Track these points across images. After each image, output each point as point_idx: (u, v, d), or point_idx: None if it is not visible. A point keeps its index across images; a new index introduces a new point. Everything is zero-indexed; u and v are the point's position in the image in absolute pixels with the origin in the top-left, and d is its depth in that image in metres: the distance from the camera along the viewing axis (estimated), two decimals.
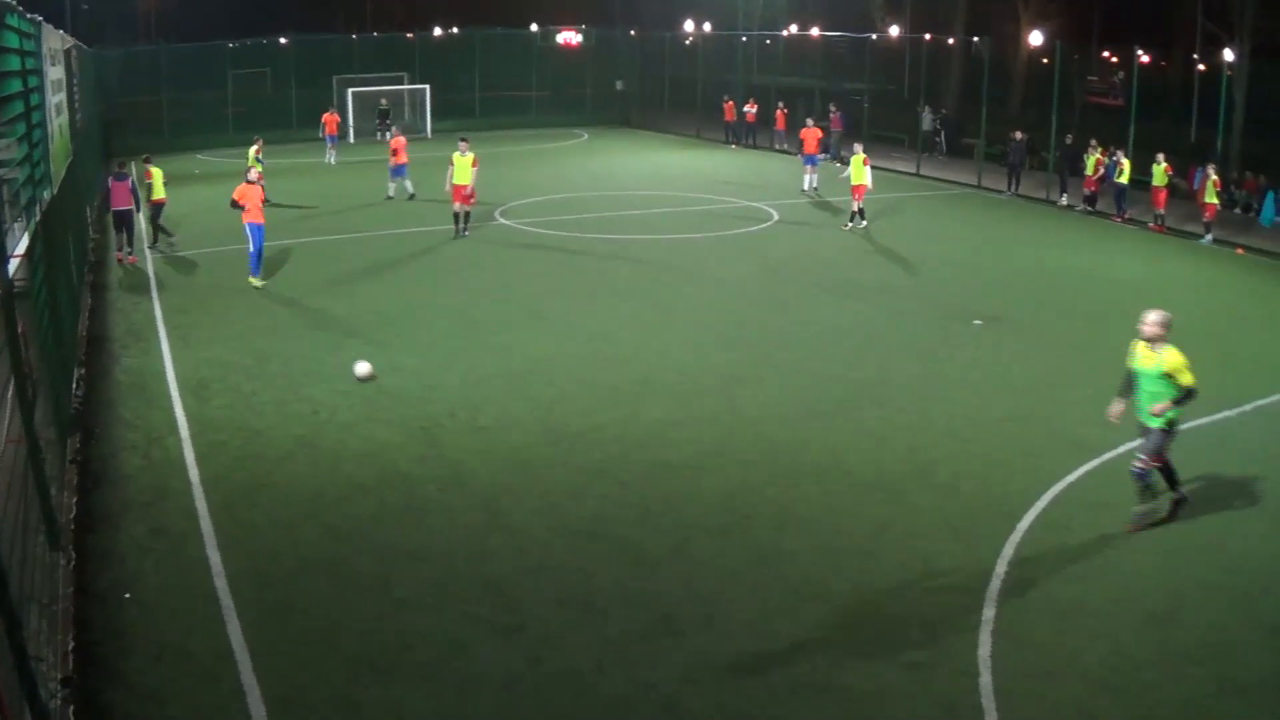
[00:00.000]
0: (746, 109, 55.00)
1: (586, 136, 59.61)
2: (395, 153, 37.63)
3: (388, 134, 56.13)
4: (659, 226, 32.62)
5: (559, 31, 70.34)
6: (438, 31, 72.65)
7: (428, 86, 59.33)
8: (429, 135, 57.53)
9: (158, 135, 52.51)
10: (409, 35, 67.17)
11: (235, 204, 25.05)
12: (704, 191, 39.57)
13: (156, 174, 29.92)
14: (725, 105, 56.92)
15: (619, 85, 69.52)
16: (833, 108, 51.25)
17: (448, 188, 30.57)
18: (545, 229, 32.08)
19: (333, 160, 46.37)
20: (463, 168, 30.22)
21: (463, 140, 31.24)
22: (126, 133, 50.41)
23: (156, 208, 30.00)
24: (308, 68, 59.06)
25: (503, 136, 57.70)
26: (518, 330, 21.84)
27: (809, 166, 39.28)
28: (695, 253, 29.11)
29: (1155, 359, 12.97)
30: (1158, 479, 13.27)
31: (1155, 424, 13.02)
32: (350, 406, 17.45)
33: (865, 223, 32.81)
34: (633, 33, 71.60)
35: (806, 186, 39.31)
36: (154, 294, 25.20)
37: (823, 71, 59.37)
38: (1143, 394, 13.11)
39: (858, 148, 33.04)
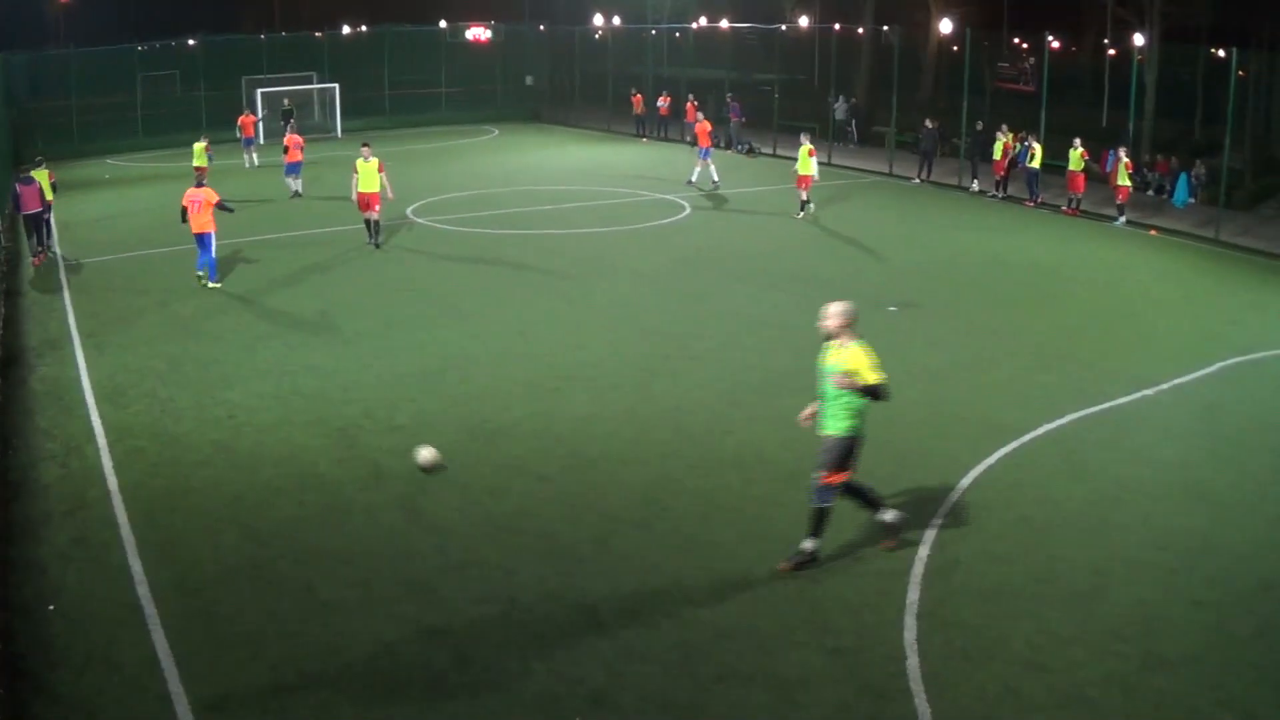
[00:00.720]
0: (659, 102, 55.12)
1: (497, 133, 59.48)
2: (288, 150, 38.08)
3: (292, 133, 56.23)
4: (573, 221, 32.66)
5: (468, 28, 70.06)
6: (346, 30, 72.19)
7: (336, 86, 58.86)
8: (339, 135, 57.12)
9: (67, 140, 51.63)
10: (317, 34, 66.59)
11: (184, 213, 25.10)
12: (617, 185, 39.63)
13: (41, 176, 29.35)
14: (634, 98, 57.08)
15: (529, 80, 69.39)
16: (730, 98, 51.50)
17: (353, 196, 28.95)
18: (458, 226, 32.03)
19: (254, 163, 45.47)
20: (367, 174, 28.62)
21: (365, 145, 29.46)
22: (36, 138, 49.55)
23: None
24: (217, 69, 58.34)
25: (413, 134, 57.47)
26: (433, 328, 21.81)
27: (702, 160, 38.87)
28: (610, 246, 29.18)
29: (838, 356, 11.80)
30: (859, 505, 12.56)
31: (832, 430, 11.91)
32: (267, 410, 17.39)
33: (813, 209, 33.16)
34: (541, 27, 71.55)
35: (694, 178, 38.94)
36: (67, 302, 24.92)
37: (732, 63, 59.68)
38: (826, 396, 11.97)
39: (804, 139, 33.25)
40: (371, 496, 14.12)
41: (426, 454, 11.81)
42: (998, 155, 37.04)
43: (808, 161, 32.85)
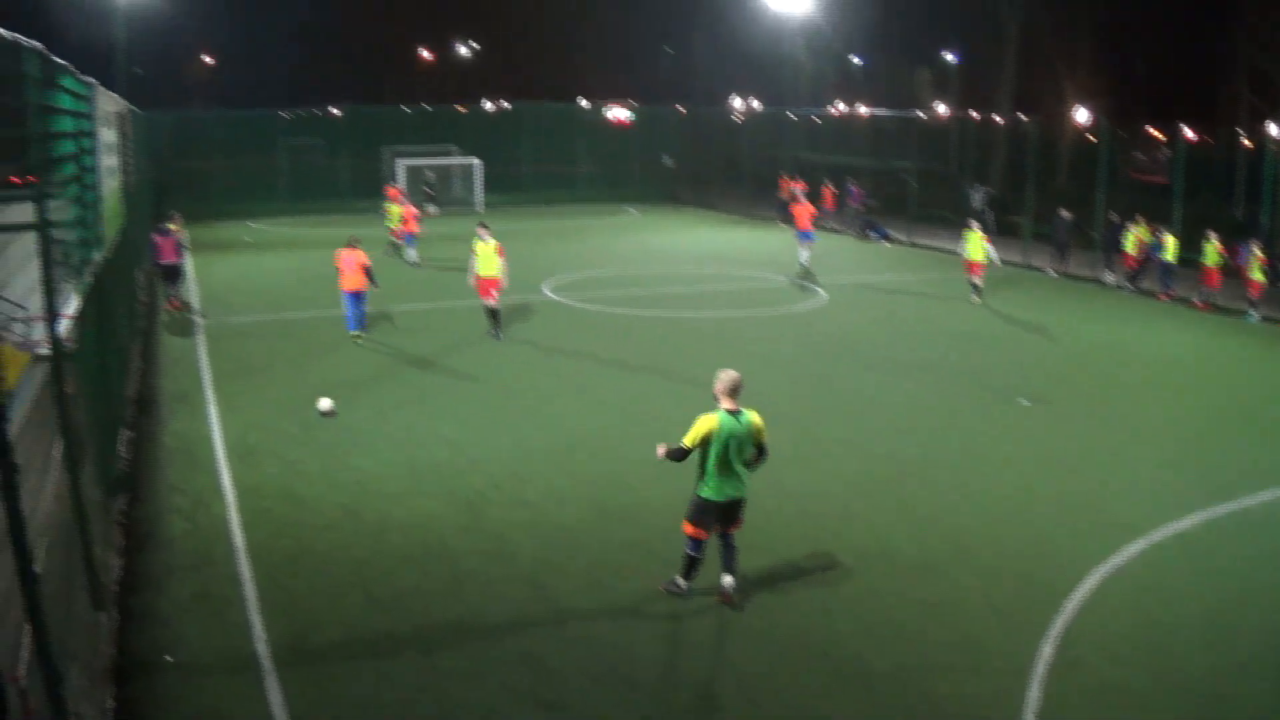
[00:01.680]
0: (794, 189, 54.71)
1: (635, 212, 59.89)
2: (404, 221, 39.45)
3: (432, 208, 56.97)
4: (707, 303, 32.61)
5: (608, 107, 70.92)
6: (488, 105, 73.56)
7: (478, 160, 59.79)
8: (479, 208, 57.89)
9: (208, 200, 53.15)
10: (460, 108, 67.86)
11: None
12: (753, 269, 39.56)
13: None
14: (792, 184, 55.27)
15: (667, 161, 69.92)
16: (850, 183, 51.15)
17: (470, 280, 27.52)
18: (593, 304, 32.14)
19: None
20: (486, 257, 27.06)
21: (482, 226, 27.76)
22: (178, 197, 50.81)
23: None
24: (359, 138, 59.79)
25: (551, 210, 58.23)
26: (563, 404, 21.79)
27: (804, 242, 38.17)
28: (742, 329, 29.07)
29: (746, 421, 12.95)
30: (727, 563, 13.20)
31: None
32: (395, 477, 17.47)
33: (977, 296, 33.31)
34: (680, 109, 72.14)
35: (804, 260, 38.26)
36: (202, 357, 25.45)
37: (869, 149, 59.42)
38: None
39: (974, 225, 33.33)
40: (494, 569, 14.06)
41: (325, 403, 12.69)
42: (1130, 248, 36.34)
43: (979, 246, 32.94)
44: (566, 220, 54.45)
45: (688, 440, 12.76)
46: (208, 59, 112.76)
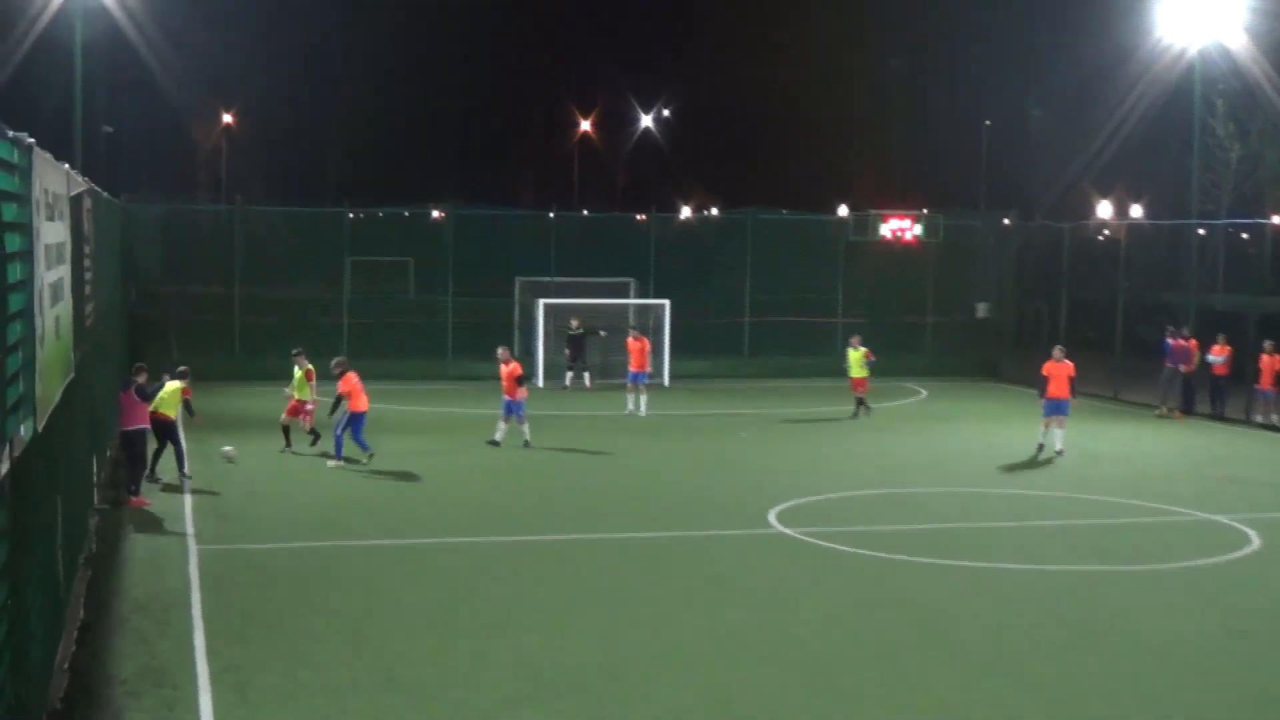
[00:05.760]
0: (1214, 356, 52.88)
1: (925, 394, 59.59)
2: (505, 382, 41.34)
3: (583, 377, 56.73)
4: (1044, 550, 31.40)
5: (883, 219, 68.85)
6: (686, 213, 72.71)
7: (667, 302, 58.98)
8: (665, 382, 57.23)
9: (225, 349, 52.42)
10: (639, 217, 67.12)
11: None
12: (1124, 493, 38.30)
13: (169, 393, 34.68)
14: (1182, 344, 53.88)
15: (981, 310, 68.93)
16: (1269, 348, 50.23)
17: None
18: (847, 544, 31.11)
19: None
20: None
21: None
22: (170, 340, 51.03)
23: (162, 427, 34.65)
24: (471, 257, 58.96)
25: (789, 388, 58.15)
26: (798, 713, 20.83)
27: None
28: (1106, 597, 27.70)
29: None
30: None
31: None
32: None
33: None
34: (1006, 221, 70.67)
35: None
36: (194, 610, 24.91)
37: None
38: None
39: None
40: None
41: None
42: None
43: None
44: (814, 405, 54.25)
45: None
46: (227, 118, 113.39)
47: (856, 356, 49.86)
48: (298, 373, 39.76)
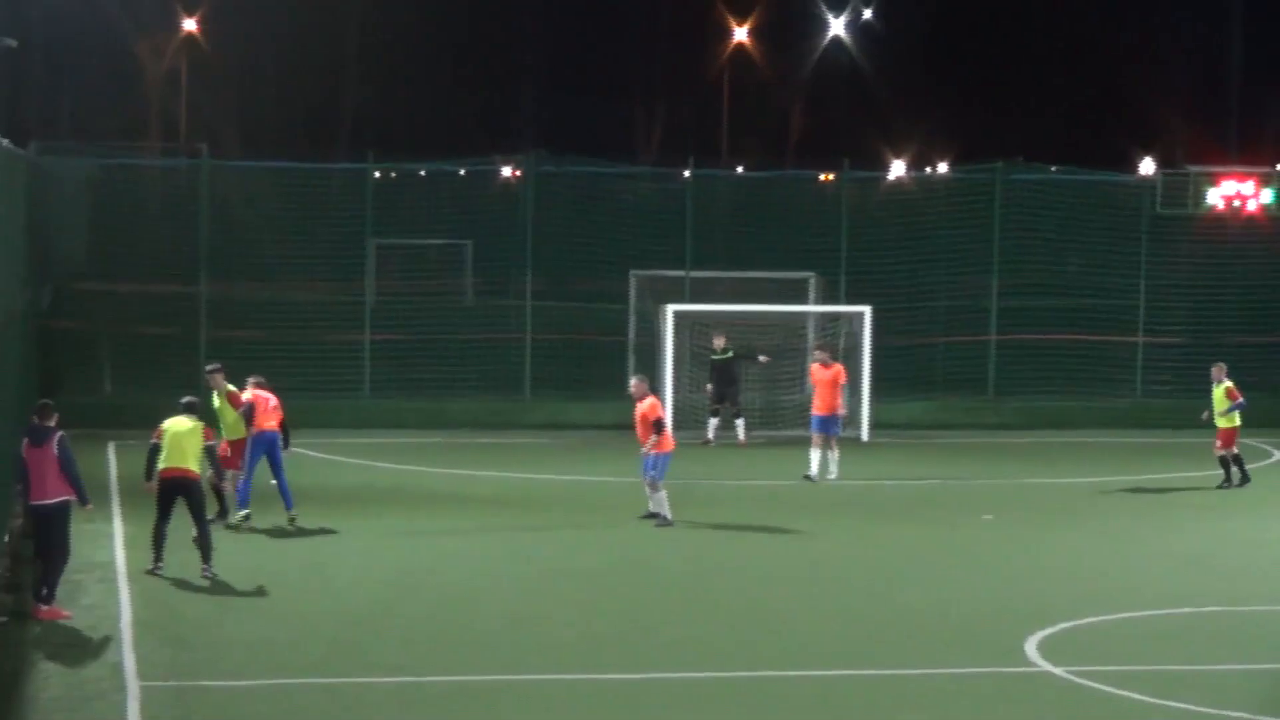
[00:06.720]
0: None
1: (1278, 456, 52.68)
2: (646, 426, 36.18)
3: (735, 425, 50.13)
4: None
5: (1211, 180, 62.00)
6: (898, 170, 66.16)
7: (867, 309, 52.14)
8: (864, 434, 50.65)
9: (185, 377, 45.93)
10: (823, 177, 61.61)
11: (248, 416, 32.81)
12: None
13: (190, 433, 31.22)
14: None
15: None
16: None
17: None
18: (1145, 691, 26.22)
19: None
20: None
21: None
22: (101, 363, 46.48)
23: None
24: (564, 241, 53.40)
25: (1056, 444, 52.60)
26: None
27: None
28: None
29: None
30: None
31: None
32: None
33: None
34: None
35: None
36: None
37: None
38: None
39: None
40: None
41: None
42: None
43: None
44: (1092, 461, 49.52)
45: None
46: (189, 24, 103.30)
47: (1220, 395, 41.84)
48: (216, 400, 35.38)
